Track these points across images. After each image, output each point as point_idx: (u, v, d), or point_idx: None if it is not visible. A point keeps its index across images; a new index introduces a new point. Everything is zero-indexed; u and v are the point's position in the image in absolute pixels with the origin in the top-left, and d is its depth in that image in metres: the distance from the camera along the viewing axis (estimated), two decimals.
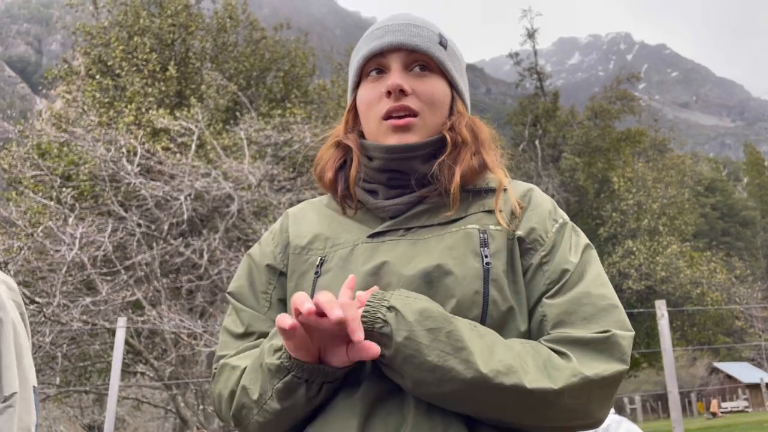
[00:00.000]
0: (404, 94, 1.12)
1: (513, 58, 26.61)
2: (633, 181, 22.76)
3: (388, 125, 1.13)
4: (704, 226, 33.80)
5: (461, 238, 1.07)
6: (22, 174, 10.10)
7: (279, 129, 11.33)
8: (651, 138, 26.90)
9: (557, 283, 1.04)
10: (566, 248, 1.09)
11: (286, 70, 17.33)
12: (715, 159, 63.64)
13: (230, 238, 9.73)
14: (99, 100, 13.44)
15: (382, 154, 1.12)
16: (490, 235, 1.07)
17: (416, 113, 1.12)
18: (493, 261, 1.04)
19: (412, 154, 1.11)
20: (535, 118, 25.30)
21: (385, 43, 1.15)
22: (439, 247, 1.06)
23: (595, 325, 0.99)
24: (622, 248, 20.82)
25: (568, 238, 1.11)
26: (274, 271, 1.17)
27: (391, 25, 1.18)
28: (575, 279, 1.05)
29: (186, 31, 15.66)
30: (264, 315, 1.14)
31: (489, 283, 1.02)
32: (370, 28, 1.23)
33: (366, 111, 1.17)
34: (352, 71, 1.23)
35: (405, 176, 1.13)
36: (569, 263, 1.07)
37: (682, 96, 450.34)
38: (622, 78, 26.82)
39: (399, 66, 1.15)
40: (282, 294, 1.16)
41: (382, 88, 1.14)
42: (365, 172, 1.16)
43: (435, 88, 1.15)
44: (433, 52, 1.16)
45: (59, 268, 8.03)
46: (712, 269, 21.06)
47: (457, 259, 1.04)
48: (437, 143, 1.13)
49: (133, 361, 9.53)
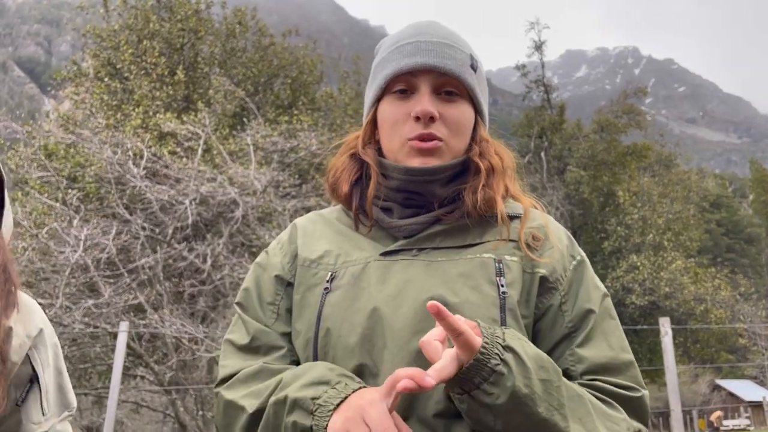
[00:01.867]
0: (432, 121, 1.09)
1: (520, 69, 26.65)
2: (638, 196, 22.72)
3: (413, 146, 1.10)
4: (709, 242, 33.69)
5: (477, 266, 1.05)
6: (29, 174, 10.14)
7: (285, 135, 11.35)
8: (657, 153, 26.87)
9: (581, 329, 1.04)
10: (588, 288, 1.08)
11: (294, 77, 17.39)
12: (721, 175, 63.53)
13: (234, 243, 9.72)
14: (107, 103, 13.49)
15: (401, 176, 1.10)
16: (506, 265, 1.05)
17: (441, 139, 1.10)
18: (509, 291, 1.03)
19: (432, 178, 1.10)
20: (541, 130, 25.29)
21: (417, 64, 1.11)
22: (453, 273, 1.04)
23: (626, 383, 1.02)
24: (626, 263, 20.75)
25: (590, 278, 1.11)
26: (282, 281, 1.15)
27: (424, 43, 1.13)
28: (599, 327, 1.05)
29: (195, 35, 15.75)
30: (270, 327, 1.12)
31: (506, 311, 1.01)
32: (398, 36, 1.19)
33: (390, 129, 1.14)
34: (376, 84, 1.18)
35: (421, 197, 1.11)
36: (592, 304, 1.06)
37: (688, 111, 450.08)
38: (629, 92, 26.82)
39: (428, 89, 1.11)
40: (289, 304, 1.14)
41: (410, 110, 1.11)
42: (380, 190, 1.14)
43: (462, 115, 1.13)
44: (465, 78, 1.13)
45: (63, 269, 8.03)
46: (717, 286, 20.96)
47: (473, 288, 1.02)
48: (458, 167, 1.12)
49: (133, 364, 9.51)
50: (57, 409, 1.56)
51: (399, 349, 0.98)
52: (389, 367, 0.98)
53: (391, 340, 0.99)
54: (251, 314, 1.14)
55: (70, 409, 1.60)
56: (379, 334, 1.00)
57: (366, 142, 1.19)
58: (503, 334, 0.90)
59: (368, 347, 1.00)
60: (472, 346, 0.85)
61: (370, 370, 1.00)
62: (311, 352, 1.05)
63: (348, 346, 1.01)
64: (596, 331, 1.05)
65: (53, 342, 1.62)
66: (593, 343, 1.03)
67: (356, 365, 1.00)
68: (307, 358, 1.06)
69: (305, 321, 1.08)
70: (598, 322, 1.06)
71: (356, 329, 1.02)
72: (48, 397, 1.52)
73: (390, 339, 1.00)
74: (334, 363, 1.02)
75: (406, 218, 1.11)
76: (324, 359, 1.04)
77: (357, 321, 1.02)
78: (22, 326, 1.51)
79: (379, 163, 1.14)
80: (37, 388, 1.51)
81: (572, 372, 1.01)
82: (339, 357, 1.02)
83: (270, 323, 1.12)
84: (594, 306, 1.07)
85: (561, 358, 1.03)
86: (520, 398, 0.87)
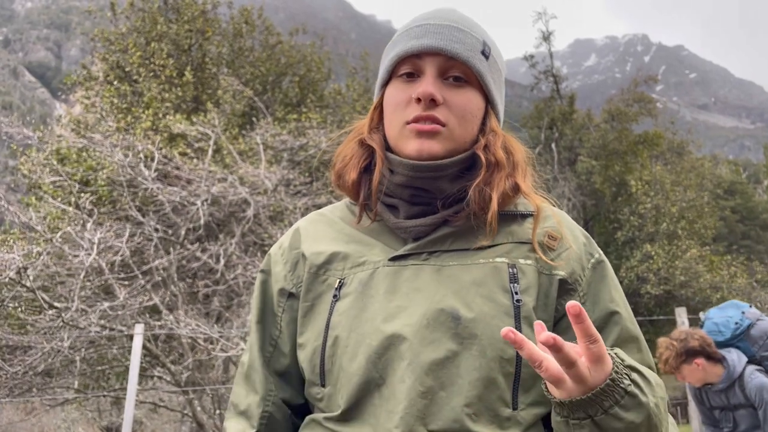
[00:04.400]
0: (435, 104, 1.04)
1: (528, 60, 26.49)
2: (651, 185, 22.52)
3: (411, 129, 1.05)
4: (724, 230, 33.38)
5: (489, 273, 1.01)
6: (42, 180, 10.21)
7: (295, 134, 11.36)
8: (669, 140, 26.61)
9: (605, 331, 1.01)
10: (609, 289, 1.05)
11: (302, 75, 17.38)
12: (734, 161, 62.82)
13: (246, 242, 9.76)
14: (117, 106, 13.56)
15: (407, 171, 1.05)
16: (520, 270, 1.02)
17: (444, 124, 1.05)
18: (523, 298, 0.99)
19: (438, 174, 1.05)
20: (551, 121, 25.12)
21: (422, 46, 1.05)
22: (466, 281, 1.00)
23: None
24: (640, 252, 20.59)
25: (611, 278, 1.07)
26: (284, 293, 1.14)
27: (433, 25, 1.08)
28: (628, 330, 1.03)
29: (203, 36, 15.78)
30: (276, 340, 1.14)
31: (521, 320, 0.98)
32: (410, 21, 1.14)
33: (391, 112, 1.09)
34: (383, 67, 1.14)
35: (429, 194, 1.06)
36: (616, 304, 1.04)
37: (700, 98, 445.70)
38: (639, 80, 26.57)
39: (434, 71, 1.06)
40: (292, 316, 1.13)
41: (412, 92, 1.06)
42: (386, 185, 1.09)
43: (469, 102, 1.07)
44: (473, 63, 1.06)
45: (77, 273, 8.09)
46: (732, 273, 20.76)
47: (485, 297, 0.99)
48: (466, 161, 1.07)
49: (150, 365, 9.58)
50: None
51: (409, 361, 0.96)
52: (398, 378, 0.96)
53: (401, 351, 0.97)
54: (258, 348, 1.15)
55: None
56: (387, 346, 0.98)
57: (372, 127, 1.14)
58: (618, 353, 0.88)
59: (374, 359, 0.98)
60: (598, 373, 0.81)
61: (376, 381, 0.98)
62: (318, 362, 1.04)
63: (355, 357, 0.99)
64: (626, 331, 1.03)
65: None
66: (626, 348, 1.01)
67: (361, 376, 0.98)
68: (314, 368, 1.05)
69: (314, 330, 1.07)
70: (625, 319, 1.04)
71: (364, 340, 0.99)
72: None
73: (399, 351, 0.97)
74: (340, 373, 1.00)
75: (413, 218, 1.07)
76: (330, 369, 1.02)
77: (365, 331, 1.00)
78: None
79: (385, 157, 1.10)
80: None
81: None
82: (345, 368, 1.00)
83: (275, 335, 1.14)
84: (619, 308, 1.04)
85: None
86: (653, 420, 0.85)
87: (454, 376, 0.95)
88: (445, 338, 0.96)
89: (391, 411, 0.95)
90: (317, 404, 1.07)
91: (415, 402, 0.94)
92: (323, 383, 1.03)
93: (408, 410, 0.93)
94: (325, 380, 1.03)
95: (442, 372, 0.95)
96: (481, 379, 0.95)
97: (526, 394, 0.98)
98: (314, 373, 1.05)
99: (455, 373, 0.95)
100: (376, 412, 0.97)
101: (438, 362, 0.95)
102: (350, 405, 0.99)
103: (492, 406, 0.95)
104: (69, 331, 7.62)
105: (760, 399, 3.31)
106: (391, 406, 0.95)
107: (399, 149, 1.08)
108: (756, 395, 3.33)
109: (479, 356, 0.95)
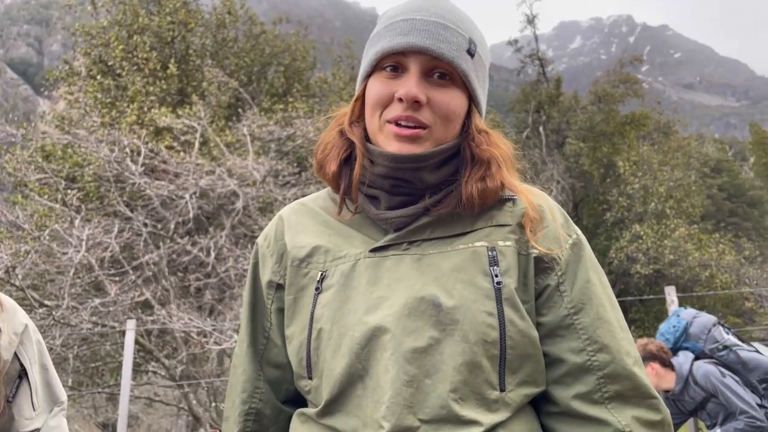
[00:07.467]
0: (419, 105, 1.03)
1: (513, 45, 26.44)
2: (638, 165, 22.61)
3: (391, 130, 1.05)
4: (711, 208, 33.62)
5: (468, 258, 1.02)
6: (27, 177, 10.12)
7: (282, 124, 11.30)
8: (655, 120, 26.69)
9: (583, 310, 1.03)
10: (587, 269, 1.06)
11: (287, 65, 17.25)
12: (720, 139, 63.19)
13: (237, 234, 9.73)
14: (101, 101, 13.43)
15: (387, 162, 1.05)
16: (500, 252, 1.02)
17: (426, 126, 1.04)
18: (504, 279, 1.00)
19: (420, 165, 1.05)
20: (538, 105, 25.13)
21: (408, 44, 1.04)
22: (445, 268, 1.01)
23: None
24: (629, 233, 20.70)
25: (589, 257, 1.08)
26: (272, 284, 1.15)
27: (419, 21, 1.05)
28: (604, 311, 1.04)
29: (185, 28, 15.61)
30: (269, 332, 1.15)
31: (503, 302, 0.98)
32: (394, 11, 1.11)
33: (372, 107, 1.08)
34: (366, 59, 1.12)
35: (410, 184, 1.06)
36: (593, 284, 1.05)
37: (685, 77, 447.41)
38: (625, 61, 26.59)
39: (418, 70, 1.04)
40: (280, 306, 1.14)
41: (395, 90, 1.04)
42: (366, 175, 1.08)
43: (453, 101, 1.06)
44: (458, 64, 1.05)
45: (67, 270, 8.04)
46: (721, 251, 20.93)
47: (465, 282, 0.99)
48: (447, 152, 1.07)
49: (144, 360, 9.57)
50: (46, 404, 1.61)
51: (392, 351, 0.96)
52: (382, 369, 0.96)
53: (384, 342, 0.97)
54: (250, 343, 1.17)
55: (59, 404, 1.65)
56: (370, 337, 0.98)
57: (353, 120, 1.13)
58: None
59: (357, 350, 0.98)
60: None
61: (359, 373, 0.98)
62: (304, 354, 1.04)
63: (338, 349, 1.00)
64: (602, 315, 1.04)
65: (37, 338, 1.66)
66: (600, 330, 1.04)
67: (344, 367, 0.99)
68: (300, 361, 1.06)
69: (299, 322, 1.07)
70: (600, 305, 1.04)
71: (347, 332, 0.99)
72: (37, 393, 1.57)
73: (382, 341, 0.97)
74: (324, 365, 1.01)
75: (393, 208, 1.07)
76: (316, 361, 1.03)
77: (348, 323, 1.00)
78: (7, 324, 1.56)
79: (365, 148, 1.09)
80: (27, 383, 1.56)
81: (591, 365, 1.01)
82: (328, 360, 1.01)
83: (267, 327, 1.15)
84: (595, 288, 1.05)
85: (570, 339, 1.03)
86: None
87: (438, 363, 0.96)
88: (426, 326, 0.97)
89: (377, 401, 0.95)
90: (306, 396, 1.08)
91: (400, 391, 0.94)
92: (310, 376, 1.04)
93: (394, 399, 0.94)
94: (311, 373, 1.04)
95: (426, 360, 0.96)
96: (465, 364, 0.95)
97: (514, 375, 0.98)
98: (301, 365, 1.06)
99: (439, 360, 0.96)
100: (362, 403, 0.97)
101: (421, 350, 0.96)
102: (333, 397, 1.00)
103: (478, 389, 0.95)
104: (60, 329, 7.59)
105: (712, 385, 3.56)
106: (377, 396, 0.96)
107: (379, 145, 1.08)
108: (707, 384, 3.57)
109: (462, 341, 0.96)
